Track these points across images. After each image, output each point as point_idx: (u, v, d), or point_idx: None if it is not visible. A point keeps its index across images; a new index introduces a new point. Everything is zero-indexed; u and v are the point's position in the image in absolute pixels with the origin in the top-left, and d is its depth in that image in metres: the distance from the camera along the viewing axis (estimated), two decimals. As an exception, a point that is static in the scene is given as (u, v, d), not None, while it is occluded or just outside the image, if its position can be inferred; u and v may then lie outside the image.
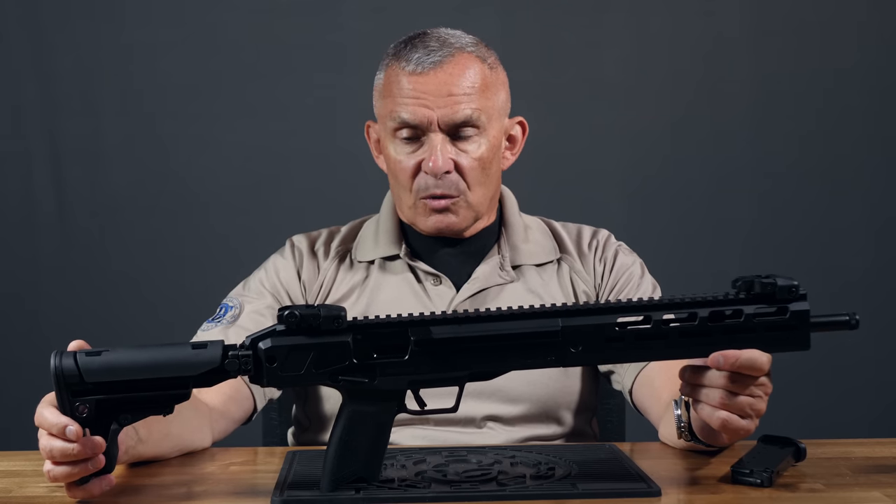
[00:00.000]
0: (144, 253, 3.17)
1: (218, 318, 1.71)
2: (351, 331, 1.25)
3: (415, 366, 1.26)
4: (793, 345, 1.28)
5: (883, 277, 3.18)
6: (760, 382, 1.28)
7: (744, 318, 1.26)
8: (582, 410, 1.75)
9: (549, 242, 1.80)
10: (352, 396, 1.27)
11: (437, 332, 1.26)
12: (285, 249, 1.80)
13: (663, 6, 3.17)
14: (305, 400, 1.78)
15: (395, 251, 1.75)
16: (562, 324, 1.26)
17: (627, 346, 1.27)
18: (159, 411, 1.26)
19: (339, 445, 1.27)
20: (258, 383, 1.26)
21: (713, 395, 1.28)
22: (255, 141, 3.15)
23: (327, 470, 1.27)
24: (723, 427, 1.29)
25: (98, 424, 1.24)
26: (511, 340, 1.26)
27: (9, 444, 2.55)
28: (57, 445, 1.22)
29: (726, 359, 1.25)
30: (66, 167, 3.16)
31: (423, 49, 1.66)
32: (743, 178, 3.19)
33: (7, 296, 3.19)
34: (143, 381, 1.23)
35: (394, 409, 1.28)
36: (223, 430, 1.62)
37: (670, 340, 1.27)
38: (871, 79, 3.18)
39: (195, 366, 1.24)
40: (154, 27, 3.13)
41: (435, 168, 1.64)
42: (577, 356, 1.27)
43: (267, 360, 1.24)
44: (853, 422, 3.18)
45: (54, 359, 1.22)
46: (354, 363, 1.25)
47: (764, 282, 1.27)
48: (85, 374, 1.22)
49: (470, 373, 1.28)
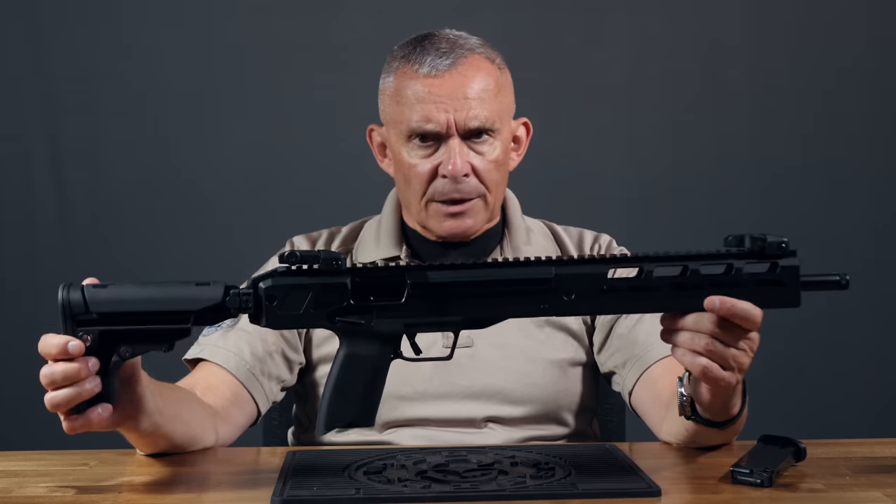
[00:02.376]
0: (145, 253, 3.17)
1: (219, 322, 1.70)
2: (349, 273, 1.28)
3: (411, 309, 1.28)
4: (783, 301, 1.29)
5: (883, 277, 3.18)
6: (749, 337, 1.28)
7: (734, 273, 1.28)
8: (582, 412, 1.75)
9: (551, 245, 1.80)
10: (348, 338, 1.29)
11: (434, 276, 1.28)
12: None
13: (664, 6, 3.17)
14: (306, 399, 1.78)
15: (395, 253, 1.75)
16: (555, 272, 1.29)
17: (619, 297, 1.29)
18: (159, 346, 1.28)
19: (335, 389, 1.29)
20: (257, 322, 1.28)
21: (698, 340, 1.28)
22: (256, 141, 3.15)
23: (322, 413, 1.29)
24: (703, 374, 1.29)
25: (100, 355, 1.26)
26: (505, 286, 1.29)
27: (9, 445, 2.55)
28: (59, 368, 1.24)
29: (723, 303, 1.26)
30: (67, 167, 3.16)
31: (434, 51, 1.65)
32: (743, 179, 3.19)
33: (7, 295, 3.18)
34: (146, 314, 1.26)
35: (389, 353, 1.30)
36: (227, 434, 1.62)
37: (662, 292, 1.29)
38: (871, 79, 3.18)
39: (197, 301, 1.27)
40: (154, 27, 3.13)
41: (454, 171, 1.63)
42: (570, 304, 1.29)
43: (267, 299, 1.27)
44: (853, 422, 3.18)
45: (62, 290, 1.25)
46: (352, 304, 1.28)
47: (754, 237, 1.28)
48: (91, 304, 1.25)
49: (465, 318, 1.30)
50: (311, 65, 3.14)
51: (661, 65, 3.17)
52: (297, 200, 3.13)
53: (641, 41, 3.17)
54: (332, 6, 3.14)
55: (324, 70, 3.14)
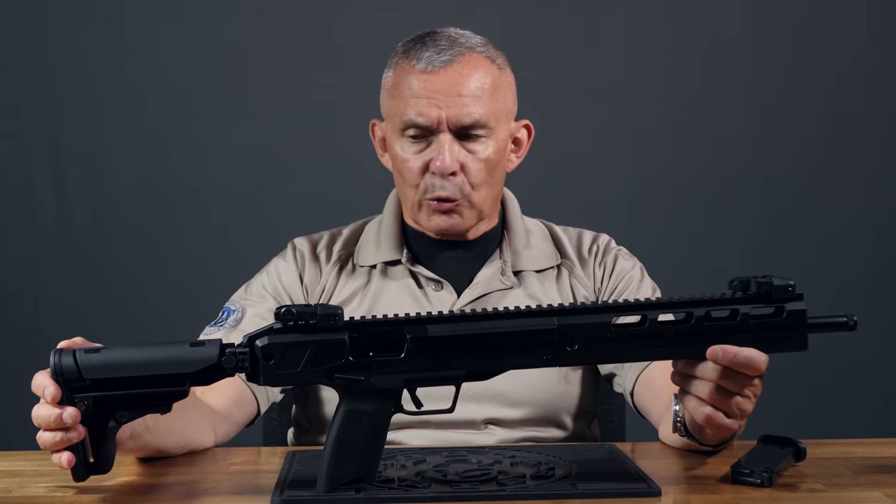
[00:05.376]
0: (145, 253, 3.17)
1: (220, 321, 1.70)
2: (347, 329, 1.25)
3: (411, 364, 1.26)
4: (790, 345, 1.28)
5: (882, 277, 3.18)
6: (752, 384, 1.27)
7: (740, 318, 1.26)
8: (582, 414, 1.75)
9: (550, 248, 1.80)
10: (348, 395, 1.27)
11: (434, 329, 1.25)
12: (287, 252, 1.80)
13: (663, 6, 3.17)
14: (305, 402, 1.78)
15: (396, 256, 1.74)
16: (558, 322, 1.26)
17: (623, 346, 1.27)
18: (157, 409, 1.26)
19: (336, 445, 1.26)
20: (255, 381, 1.26)
21: (703, 387, 1.27)
22: (256, 141, 3.15)
23: (324, 470, 1.26)
24: (706, 422, 1.28)
25: (96, 421, 1.25)
26: (507, 339, 1.26)
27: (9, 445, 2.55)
28: (41, 412, 1.24)
29: (725, 353, 1.24)
30: (67, 167, 3.16)
31: (433, 48, 1.65)
32: (743, 179, 3.19)
33: (7, 296, 3.19)
34: (141, 378, 1.24)
35: (390, 408, 1.28)
36: (227, 433, 1.62)
37: (666, 339, 1.26)
38: (871, 79, 3.18)
39: (192, 363, 1.24)
40: (155, 27, 3.13)
41: (443, 167, 1.63)
42: (573, 355, 1.27)
43: (264, 358, 1.24)
44: (853, 422, 3.18)
45: (54, 356, 1.24)
46: (350, 361, 1.25)
47: (760, 281, 1.26)
48: (84, 370, 1.23)
49: (466, 372, 1.27)
50: (311, 65, 3.14)
51: (661, 64, 3.17)
52: (297, 200, 3.13)
53: (641, 40, 3.17)
54: (333, 6, 3.14)
55: (324, 70, 3.14)
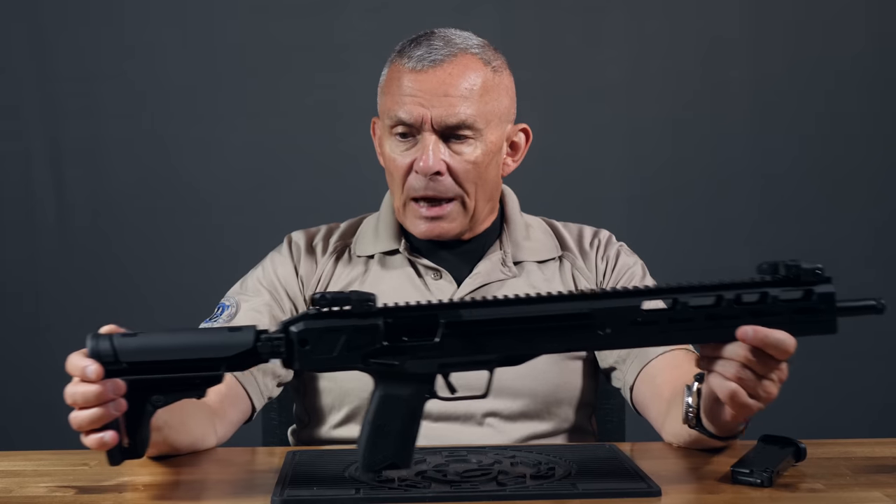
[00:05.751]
0: (145, 253, 3.17)
1: (215, 317, 1.70)
2: (381, 314, 1.26)
3: (444, 348, 1.26)
4: (820, 328, 1.28)
5: (883, 277, 3.18)
6: (779, 367, 1.27)
7: (770, 301, 1.26)
8: (582, 406, 1.75)
9: (551, 241, 1.80)
10: (383, 380, 1.27)
11: (467, 314, 1.26)
12: (283, 246, 1.80)
13: (663, 6, 3.17)
14: (304, 393, 1.78)
15: (394, 246, 1.75)
16: (590, 306, 1.26)
17: (655, 329, 1.27)
18: (192, 394, 1.27)
19: (371, 430, 1.27)
20: (290, 367, 1.27)
21: (729, 366, 1.26)
22: (256, 141, 3.15)
23: (360, 455, 1.27)
24: (730, 398, 1.27)
25: (132, 405, 1.25)
26: (540, 323, 1.27)
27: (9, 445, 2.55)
28: (79, 390, 1.23)
29: (756, 333, 1.24)
30: (67, 167, 3.16)
31: (426, 47, 1.65)
32: (743, 178, 3.19)
33: (7, 296, 3.19)
34: (177, 363, 1.25)
35: (424, 393, 1.28)
36: (223, 432, 1.61)
37: (697, 323, 1.26)
38: (871, 79, 3.18)
39: (228, 348, 1.25)
40: (155, 27, 3.13)
41: (425, 168, 1.63)
42: (606, 339, 1.27)
43: (299, 343, 1.25)
44: (853, 422, 3.18)
45: (91, 340, 1.24)
46: (385, 346, 1.26)
47: (788, 265, 1.27)
48: (120, 353, 1.23)
49: (499, 356, 1.28)
50: (311, 65, 3.14)
51: (661, 64, 3.17)
52: (296, 200, 3.13)
53: (641, 40, 3.17)
54: (333, 6, 3.14)
55: (324, 70, 3.14)
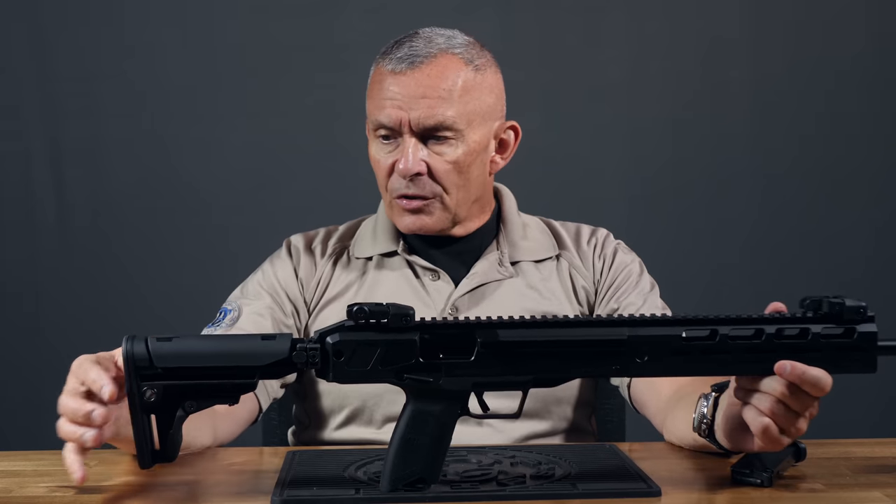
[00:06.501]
0: (145, 253, 3.17)
1: (217, 322, 1.71)
2: (418, 329, 1.26)
3: (480, 367, 1.26)
4: (859, 367, 1.28)
5: (883, 277, 3.18)
6: (812, 404, 1.27)
7: (811, 337, 1.26)
8: (581, 405, 1.76)
9: (548, 240, 1.80)
10: (416, 395, 1.27)
11: (504, 334, 1.26)
12: (282, 250, 1.80)
13: (663, 6, 3.17)
14: (304, 397, 1.78)
15: (393, 247, 1.75)
16: (628, 333, 1.26)
17: (692, 359, 1.27)
18: (225, 400, 1.27)
19: (401, 444, 1.27)
20: (324, 377, 1.26)
21: (764, 400, 1.26)
22: (256, 141, 3.16)
23: (387, 469, 1.26)
24: (762, 433, 1.26)
25: (164, 410, 1.25)
26: (577, 347, 1.26)
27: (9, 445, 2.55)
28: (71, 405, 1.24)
29: (794, 369, 1.23)
30: (67, 167, 3.16)
31: (406, 49, 1.66)
32: (743, 179, 3.19)
33: (7, 296, 3.19)
34: (211, 369, 1.25)
35: (457, 410, 1.28)
36: (231, 431, 1.61)
37: (735, 356, 1.26)
38: (870, 79, 3.18)
39: (263, 356, 1.25)
40: (155, 27, 3.14)
41: (405, 170, 1.64)
42: (642, 366, 1.27)
43: (334, 355, 1.25)
44: (853, 422, 3.17)
45: (126, 343, 1.24)
46: (420, 362, 1.26)
47: (832, 301, 1.27)
48: (155, 358, 1.23)
49: (534, 378, 1.28)
50: (311, 65, 3.15)
51: (661, 64, 3.17)
52: (296, 200, 3.13)
53: (641, 41, 3.17)
54: (332, 6, 3.15)
55: (324, 70, 3.14)
